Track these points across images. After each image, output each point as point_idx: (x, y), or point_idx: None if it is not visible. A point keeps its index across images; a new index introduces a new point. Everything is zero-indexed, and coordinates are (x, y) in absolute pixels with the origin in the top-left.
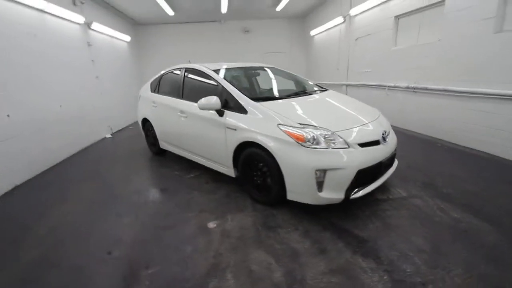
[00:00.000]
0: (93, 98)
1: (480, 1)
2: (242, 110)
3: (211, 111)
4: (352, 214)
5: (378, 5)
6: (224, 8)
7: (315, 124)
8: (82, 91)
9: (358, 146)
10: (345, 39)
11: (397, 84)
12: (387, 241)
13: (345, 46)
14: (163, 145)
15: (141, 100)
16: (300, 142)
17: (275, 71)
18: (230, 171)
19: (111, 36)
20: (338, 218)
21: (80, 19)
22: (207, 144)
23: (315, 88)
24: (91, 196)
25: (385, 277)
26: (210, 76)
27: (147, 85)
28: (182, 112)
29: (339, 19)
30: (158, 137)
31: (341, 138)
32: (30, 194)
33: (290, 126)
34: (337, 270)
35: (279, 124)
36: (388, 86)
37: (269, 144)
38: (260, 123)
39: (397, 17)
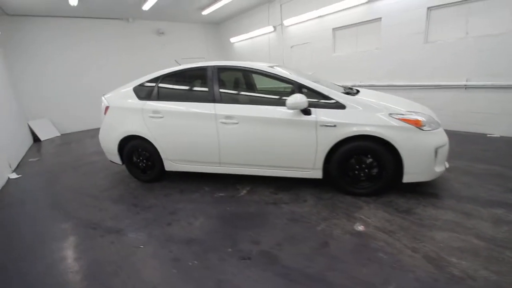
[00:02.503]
0: None
1: (412, 19)
2: (338, 105)
3: (287, 112)
4: (428, 184)
5: (313, 18)
6: (148, 5)
7: (418, 111)
8: None
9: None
10: (278, 46)
11: (344, 84)
12: (471, 192)
13: (278, 53)
14: (174, 166)
15: (115, 113)
16: (418, 126)
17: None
18: (315, 173)
19: None
20: (430, 189)
21: None
22: (282, 147)
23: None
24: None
25: (502, 209)
26: (275, 75)
27: (126, 92)
28: (228, 117)
29: (269, 28)
30: (164, 157)
31: (436, 120)
32: None
33: (402, 114)
34: (491, 221)
35: (391, 113)
36: None
37: (386, 134)
38: (368, 115)
39: (335, 29)
